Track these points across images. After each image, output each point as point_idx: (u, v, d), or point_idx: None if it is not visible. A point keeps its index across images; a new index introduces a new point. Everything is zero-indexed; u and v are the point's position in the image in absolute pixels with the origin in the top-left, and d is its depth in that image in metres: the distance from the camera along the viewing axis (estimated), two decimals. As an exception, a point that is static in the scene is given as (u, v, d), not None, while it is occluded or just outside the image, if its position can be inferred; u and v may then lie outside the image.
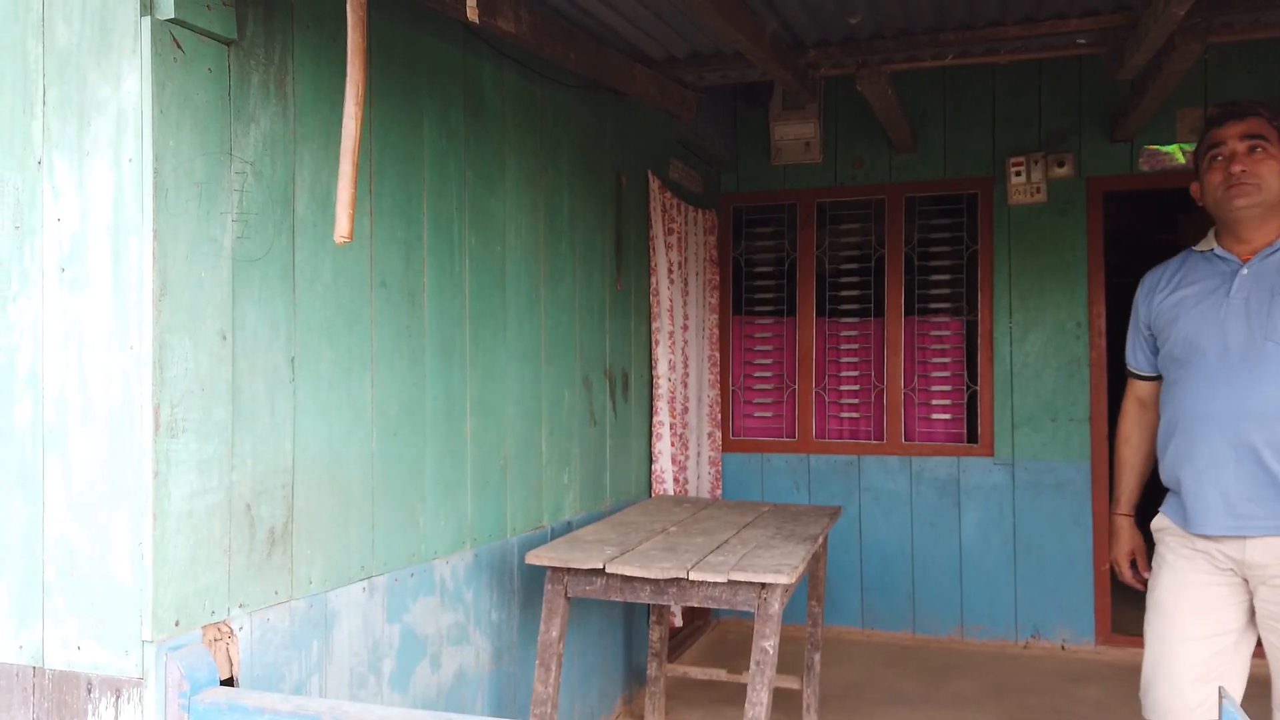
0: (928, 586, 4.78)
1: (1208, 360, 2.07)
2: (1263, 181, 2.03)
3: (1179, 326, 2.13)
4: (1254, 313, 2.02)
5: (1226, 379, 2.03)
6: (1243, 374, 2.01)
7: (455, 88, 2.59)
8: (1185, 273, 2.19)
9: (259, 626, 1.80)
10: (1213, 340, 2.06)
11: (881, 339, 4.99)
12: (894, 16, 2.88)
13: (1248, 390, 2.00)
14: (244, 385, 1.78)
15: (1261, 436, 1.99)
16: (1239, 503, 2.03)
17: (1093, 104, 4.60)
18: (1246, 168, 2.04)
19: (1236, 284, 2.05)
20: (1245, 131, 2.06)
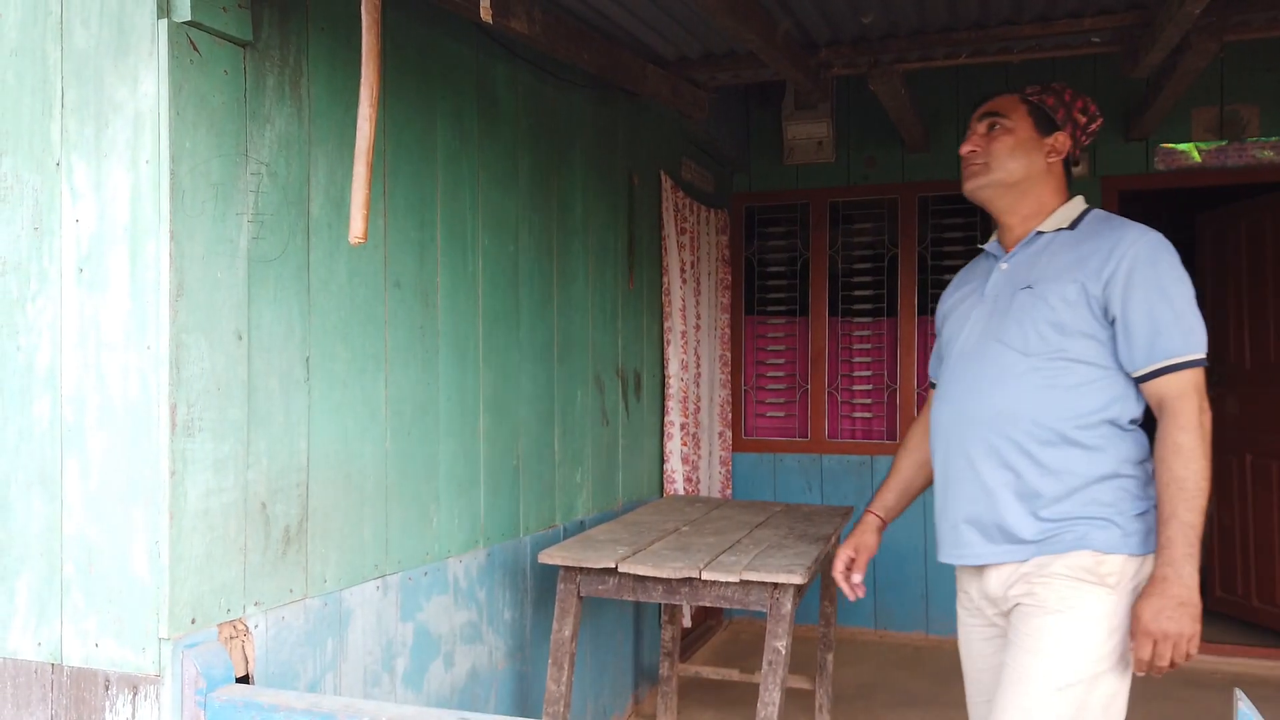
0: (941, 587, 4.76)
1: (949, 366, 1.90)
2: (992, 159, 1.82)
3: (945, 331, 1.98)
4: (995, 312, 1.83)
5: (957, 385, 1.85)
6: (967, 378, 1.83)
7: (469, 88, 2.60)
8: (966, 273, 2.01)
9: (274, 624, 1.82)
10: (957, 344, 1.89)
11: (895, 338, 4.97)
12: (907, 16, 2.87)
13: (968, 396, 1.81)
14: (259, 385, 1.79)
15: (979, 448, 1.78)
16: (960, 526, 1.82)
17: (1108, 103, 4.57)
18: (976, 147, 1.85)
19: (991, 280, 1.87)
20: (986, 111, 1.89)
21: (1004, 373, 1.77)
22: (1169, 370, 1.66)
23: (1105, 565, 1.68)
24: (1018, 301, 1.78)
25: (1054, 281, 1.75)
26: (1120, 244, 1.71)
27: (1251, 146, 4.40)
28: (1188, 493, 1.62)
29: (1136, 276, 1.69)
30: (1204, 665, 4.39)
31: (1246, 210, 4.80)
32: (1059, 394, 1.72)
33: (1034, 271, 1.79)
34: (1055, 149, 1.85)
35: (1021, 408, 1.74)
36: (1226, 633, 4.66)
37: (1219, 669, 4.35)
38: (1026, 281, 1.79)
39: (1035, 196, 1.84)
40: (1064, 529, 1.70)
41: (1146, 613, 1.60)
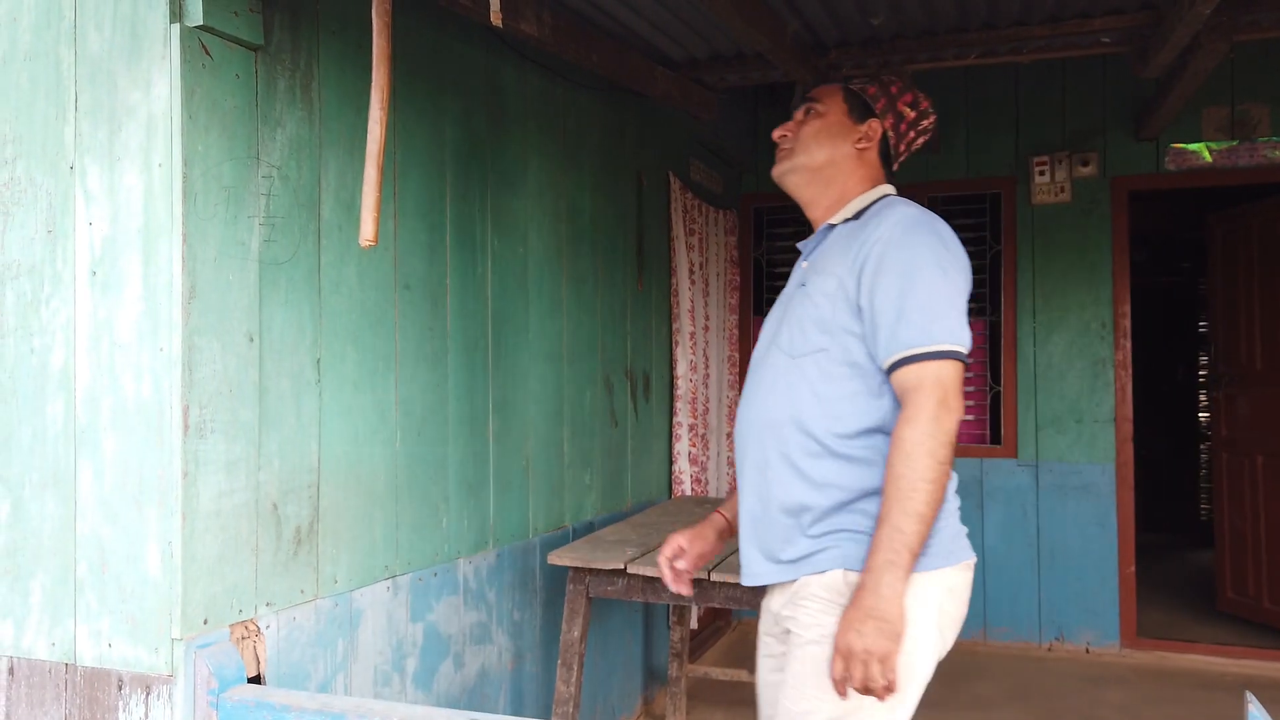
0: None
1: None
2: (798, 144, 1.71)
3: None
4: (783, 315, 1.71)
5: (745, 395, 1.72)
6: (750, 387, 1.71)
7: (478, 90, 2.61)
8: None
9: (285, 625, 1.83)
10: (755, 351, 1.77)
11: (903, 339, 4.95)
12: (916, 17, 2.87)
13: (749, 406, 1.68)
14: (271, 386, 1.80)
15: (757, 461, 1.64)
16: (745, 543, 1.69)
17: (1117, 103, 4.56)
18: (787, 132, 1.74)
19: (794, 278, 1.74)
20: (804, 97, 1.77)
21: (775, 379, 1.63)
22: (909, 361, 1.48)
23: (849, 582, 1.53)
24: (796, 300, 1.67)
25: (821, 274, 1.61)
26: (880, 227, 1.57)
27: (1262, 146, 4.38)
28: (902, 493, 1.43)
29: (887, 260, 1.52)
30: (1214, 667, 4.37)
31: (1258, 210, 4.78)
32: (823, 400, 1.56)
33: (813, 267, 1.66)
34: (867, 135, 1.71)
35: (788, 415, 1.59)
36: (1238, 635, 4.64)
37: (1229, 671, 4.34)
38: (803, 279, 1.68)
39: (839, 186, 1.71)
40: (827, 546, 1.55)
41: (840, 625, 1.44)
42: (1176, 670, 4.35)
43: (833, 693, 1.48)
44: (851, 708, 1.49)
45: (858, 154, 1.71)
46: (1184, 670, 4.35)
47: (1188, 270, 7.54)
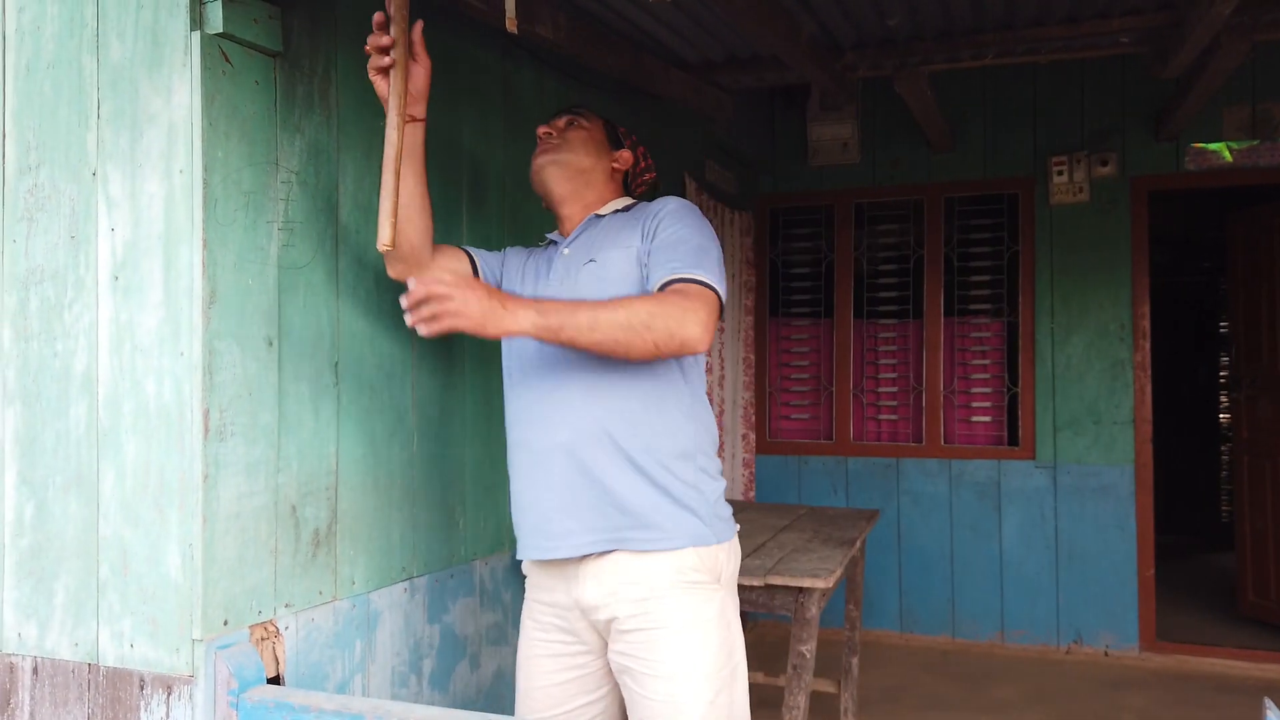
0: (967, 590, 4.73)
1: (520, 353, 1.91)
2: (565, 143, 1.90)
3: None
4: (562, 293, 1.83)
5: (536, 375, 1.84)
6: (548, 365, 1.81)
7: (495, 94, 2.62)
8: (526, 256, 2.02)
9: (304, 626, 1.84)
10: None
11: (920, 340, 4.95)
12: (933, 18, 2.86)
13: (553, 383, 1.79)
14: (289, 390, 1.82)
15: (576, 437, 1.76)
16: (553, 516, 1.78)
17: (1137, 102, 4.53)
18: (553, 130, 1.94)
19: (555, 265, 1.89)
20: (566, 110, 1.99)
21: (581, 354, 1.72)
22: (679, 282, 1.65)
23: (708, 561, 1.74)
24: (584, 275, 1.80)
25: (610, 249, 1.80)
26: (662, 206, 1.80)
27: (1285, 145, 4.34)
28: (620, 306, 1.58)
29: (667, 221, 1.76)
30: (1235, 671, 4.34)
31: (1279, 210, 4.74)
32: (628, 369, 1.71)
33: (594, 248, 1.84)
34: (622, 160, 1.98)
35: (599, 370, 1.72)
36: (1260, 638, 4.60)
37: (1251, 675, 4.30)
38: (590, 256, 1.82)
39: (598, 190, 1.93)
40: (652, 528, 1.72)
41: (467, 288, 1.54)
42: (1196, 674, 4.32)
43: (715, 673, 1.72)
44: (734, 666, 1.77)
45: (612, 170, 1.97)
46: (1204, 674, 4.32)
47: (1209, 270, 7.47)
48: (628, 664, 1.76)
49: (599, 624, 1.80)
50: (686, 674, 1.70)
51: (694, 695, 1.69)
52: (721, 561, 1.79)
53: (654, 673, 1.71)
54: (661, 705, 1.70)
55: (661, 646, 1.71)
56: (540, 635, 1.90)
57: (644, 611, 1.72)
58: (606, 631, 1.80)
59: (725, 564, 1.81)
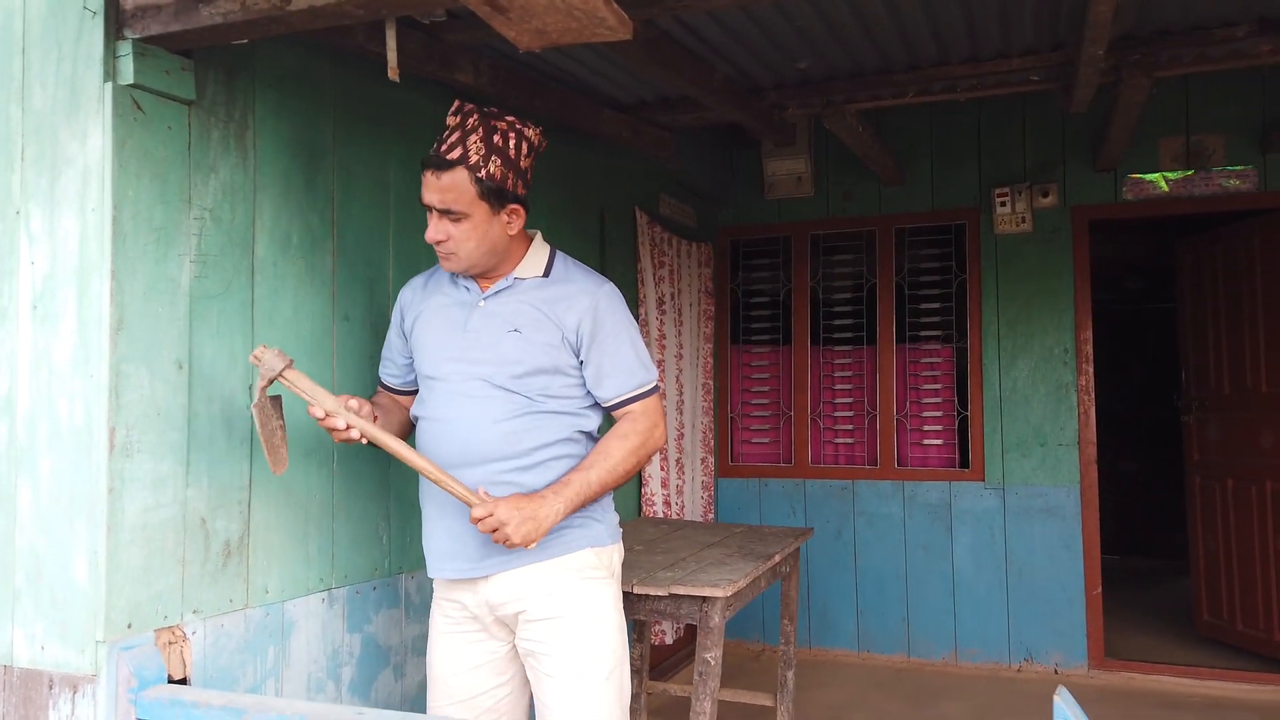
0: (922, 610, 4.82)
1: (434, 391, 2.04)
2: (459, 248, 1.96)
3: (414, 336, 2.10)
4: (477, 346, 2.00)
5: (450, 416, 2.00)
6: (461, 411, 1.98)
7: (425, 134, 2.77)
8: (434, 283, 2.14)
9: (213, 632, 1.97)
10: (435, 367, 2.03)
11: (874, 366, 5.08)
12: (840, 60, 3.02)
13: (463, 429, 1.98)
14: (201, 410, 1.96)
15: (480, 476, 1.95)
16: (464, 539, 2.00)
17: (1076, 134, 4.69)
18: (441, 236, 1.96)
19: (473, 316, 2.03)
20: (441, 199, 1.93)
21: (497, 408, 1.97)
22: (635, 399, 2.04)
23: (603, 558, 2.04)
24: (508, 342, 1.99)
25: (536, 326, 1.99)
26: (585, 294, 2.02)
27: (1218, 175, 4.48)
28: (610, 464, 1.97)
29: (602, 331, 2.01)
30: (1182, 688, 4.41)
31: (1223, 237, 4.87)
32: (528, 420, 1.97)
33: (519, 316, 2.00)
34: (514, 218, 2.01)
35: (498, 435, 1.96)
36: (1216, 658, 4.66)
37: (1196, 692, 4.37)
38: (514, 325, 1.99)
39: (505, 254, 2.03)
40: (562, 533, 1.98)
41: (509, 504, 1.86)
42: (1143, 691, 4.39)
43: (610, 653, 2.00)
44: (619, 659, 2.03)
45: (509, 232, 2.01)
46: (1150, 691, 4.39)
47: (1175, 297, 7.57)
48: (535, 648, 2.00)
49: (506, 616, 2.04)
50: (588, 654, 1.97)
51: (594, 672, 1.97)
52: (615, 559, 2.10)
53: (560, 654, 1.97)
54: (567, 681, 1.96)
55: (567, 632, 1.97)
56: (452, 629, 2.10)
57: (551, 603, 1.98)
58: (513, 622, 2.03)
59: (616, 560, 2.11)
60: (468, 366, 2.00)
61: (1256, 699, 4.27)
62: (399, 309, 2.20)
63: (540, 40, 1.68)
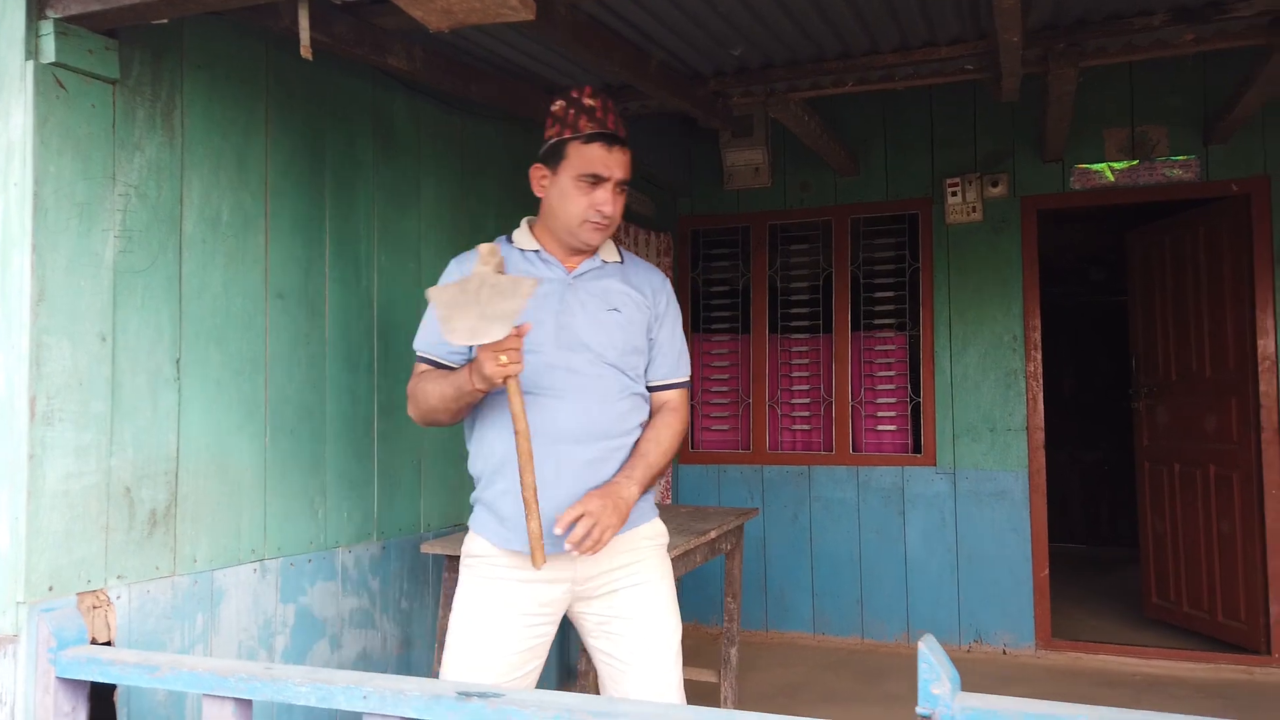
0: (875, 592, 4.90)
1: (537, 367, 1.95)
2: (615, 221, 2.02)
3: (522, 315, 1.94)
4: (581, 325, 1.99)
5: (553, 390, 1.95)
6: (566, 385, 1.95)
7: (364, 119, 2.84)
8: (510, 261, 2.04)
9: (139, 597, 2.03)
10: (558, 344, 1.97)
11: (830, 354, 5.15)
12: (773, 48, 3.09)
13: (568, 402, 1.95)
14: (125, 382, 2.02)
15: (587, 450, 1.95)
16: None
17: (1025, 125, 4.77)
18: (614, 212, 1.98)
19: (565, 294, 2.00)
20: (623, 175, 1.97)
21: (608, 386, 1.98)
22: (678, 386, 2.12)
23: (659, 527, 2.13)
24: (610, 321, 2.01)
25: (630, 307, 2.04)
26: (658, 278, 2.13)
27: (1161, 166, 4.57)
28: (662, 449, 2.02)
29: (670, 314, 2.12)
30: (1126, 667, 4.50)
31: (1171, 227, 4.97)
32: (631, 401, 2.02)
33: (614, 297, 2.04)
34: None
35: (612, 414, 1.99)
36: (1163, 639, 4.75)
37: (1140, 671, 4.46)
38: (612, 305, 2.03)
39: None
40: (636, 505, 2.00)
41: (598, 499, 1.87)
42: (1088, 670, 4.48)
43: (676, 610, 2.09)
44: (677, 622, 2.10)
45: None
46: (1095, 670, 4.48)
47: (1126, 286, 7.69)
48: (619, 613, 2.01)
49: (588, 590, 2.00)
50: (670, 615, 2.07)
51: (673, 629, 2.07)
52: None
53: (646, 617, 2.02)
54: (655, 640, 2.02)
55: (652, 595, 2.04)
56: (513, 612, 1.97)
57: (637, 570, 2.03)
58: (590, 595, 2.01)
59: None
60: (572, 342, 1.98)
61: (1196, 676, 4.37)
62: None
63: (448, 20, 1.74)
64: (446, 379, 1.93)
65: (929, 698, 1.56)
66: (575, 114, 1.98)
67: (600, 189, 1.96)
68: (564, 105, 2.00)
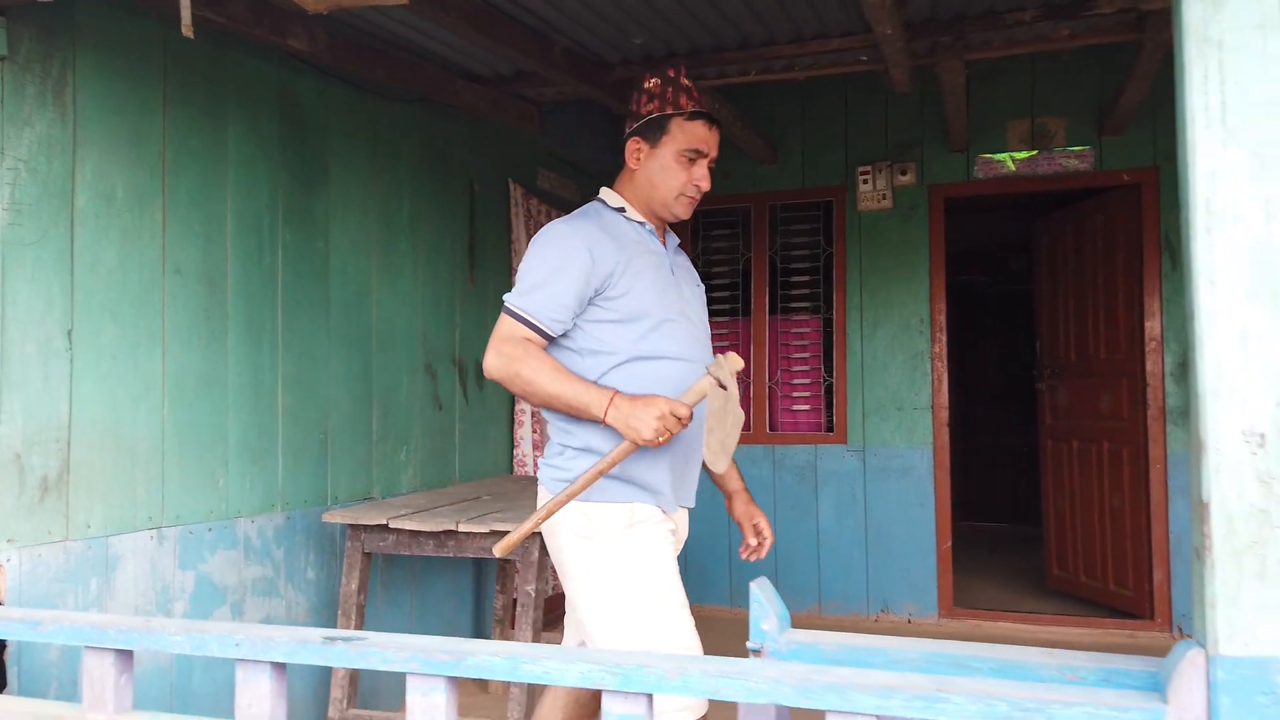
0: (790, 566, 5.08)
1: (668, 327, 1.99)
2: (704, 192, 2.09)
3: (622, 283, 1.95)
4: (687, 297, 2.08)
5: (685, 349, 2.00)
6: (695, 346, 2.02)
7: (269, 99, 2.90)
8: (620, 229, 2.02)
9: (29, 561, 2.09)
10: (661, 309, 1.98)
11: (749, 336, 5.31)
12: (674, 38, 3.21)
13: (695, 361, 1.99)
14: (14, 352, 2.08)
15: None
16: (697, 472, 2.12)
17: (933, 116, 4.95)
18: (708, 187, 2.06)
19: (669, 265, 2.06)
20: (717, 154, 2.07)
21: (704, 349, 2.08)
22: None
23: None
24: (699, 295, 2.17)
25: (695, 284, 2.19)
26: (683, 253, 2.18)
27: (1059, 156, 4.79)
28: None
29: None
30: (1023, 634, 4.73)
31: (1073, 216, 5.20)
32: None
33: (693, 275, 2.17)
34: None
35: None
36: (1062, 608, 5.00)
37: (1036, 637, 4.69)
38: (695, 280, 2.17)
39: None
40: None
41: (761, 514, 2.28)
42: (986, 636, 4.70)
43: None
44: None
45: None
46: (992, 636, 4.70)
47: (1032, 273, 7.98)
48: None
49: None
50: None
51: None
52: None
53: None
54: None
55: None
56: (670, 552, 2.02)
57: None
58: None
59: None
60: (687, 313, 2.06)
61: (1086, 641, 4.61)
62: (587, 256, 1.93)
63: (324, 2, 1.82)
64: (568, 382, 1.86)
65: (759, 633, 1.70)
66: (675, 92, 2.04)
67: (698, 165, 2.03)
68: (660, 83, 2.05)
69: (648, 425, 1.77)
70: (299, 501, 2.98)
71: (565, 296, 1.92)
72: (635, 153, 2.07)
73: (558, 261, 1.93)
